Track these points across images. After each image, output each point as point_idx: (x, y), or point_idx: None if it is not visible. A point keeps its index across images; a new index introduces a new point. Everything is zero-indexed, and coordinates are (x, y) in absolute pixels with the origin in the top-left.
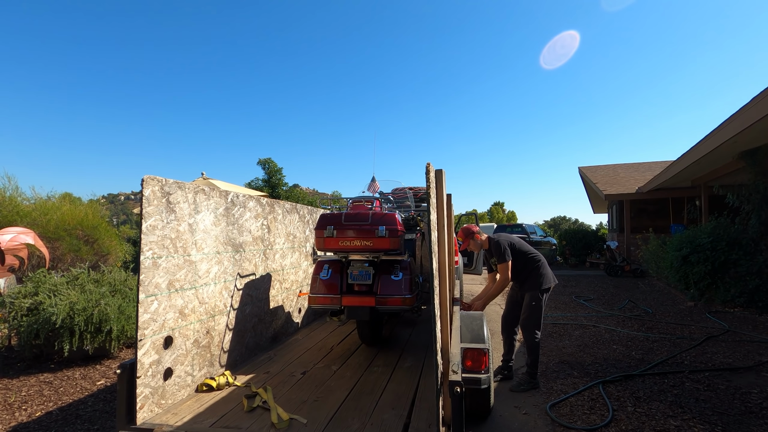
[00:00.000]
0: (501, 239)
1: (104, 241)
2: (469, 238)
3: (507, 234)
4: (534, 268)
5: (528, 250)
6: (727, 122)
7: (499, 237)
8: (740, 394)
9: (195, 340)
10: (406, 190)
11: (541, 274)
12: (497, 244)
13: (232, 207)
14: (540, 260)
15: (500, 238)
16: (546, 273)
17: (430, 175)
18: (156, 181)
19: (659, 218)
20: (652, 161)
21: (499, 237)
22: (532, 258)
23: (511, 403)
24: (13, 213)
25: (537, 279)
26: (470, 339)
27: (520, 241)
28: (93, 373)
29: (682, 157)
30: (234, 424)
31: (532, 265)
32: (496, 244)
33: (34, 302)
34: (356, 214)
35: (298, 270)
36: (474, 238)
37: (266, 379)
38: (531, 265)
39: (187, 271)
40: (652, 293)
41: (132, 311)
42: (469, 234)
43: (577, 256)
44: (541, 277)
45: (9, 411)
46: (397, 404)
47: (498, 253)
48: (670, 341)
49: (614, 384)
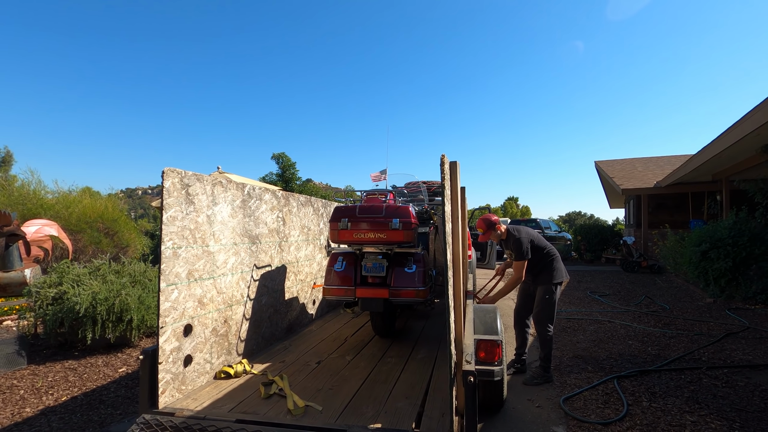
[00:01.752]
0: (522, 237)
1: (124, 234)
2: (490, 229)
3: (527, 229)
4: (548, 263)
5: (544, 245)
6: (750, 114)
7: (520, 233)
8: (760, 392)
9: (213, 329)
10: (419, 183)
11: (554, 268)
12: (518, 242)
13: (248, 199)
14: (554, 255)
15: (521, 234)
16: (559, 267)
17: (445, 167)
18: (176, 173)
19: (678, 213)
20: (670, 155)
21: (520, 233)
22: (548, 252)
23: (525, 396)
24: (37, 206)
25: (550, 273)
26: (483, 331)
27: (538, 237)
28: (115, 361)
29: (702, 151)
30: (252, 410)
31: (546, 259)
32: (516, 242)
33: (59, 292)
34: (370, 207)
35: (312, 262)
36: (495, 229)
37: (282, 367)
38: (546, 260)
39: (206, 262)
40: (669, 289)
41: (151, 302)
42: (491, 225)
43: (593, 251)
44: (555, 270)
45: (37, 395)
46: (411, 394)
47: (517, 251)
48: (688, 337)
49: (629, 379)
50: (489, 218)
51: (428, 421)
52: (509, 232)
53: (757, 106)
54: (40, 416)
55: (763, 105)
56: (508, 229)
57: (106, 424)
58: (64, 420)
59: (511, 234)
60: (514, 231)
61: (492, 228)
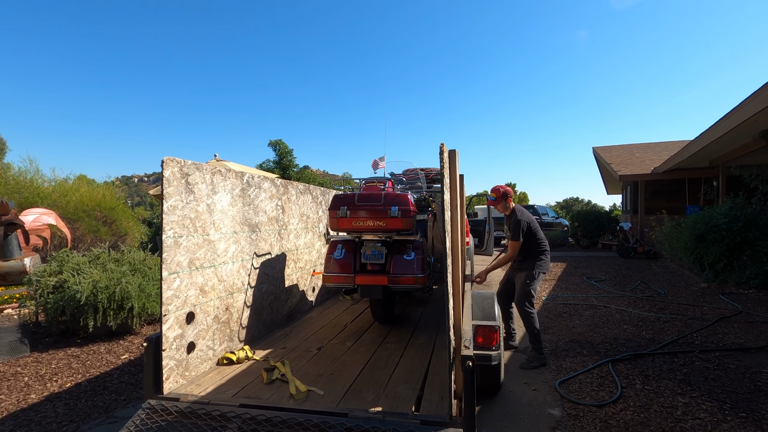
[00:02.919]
0: (522, 220)
1: (122, 222)
2: (502, 199)
3: (531, 216)
4: (538, 253)
5: (540, 236)
6: (748, 101)
7: (522, 216)
8: (750, 374)
9: (215, 316)
10: (417, 171)
11: (541, 259)
12: (517, 223)
13: (247, 188)
14: (546, 248)
15: (522, 217)
16: (545, 261)
17: (444, 156)
18: (175, 163)
19: (675, 199)
20: (668, 141)
21: (522, 216)
22: (540, 243)
23: (521, 379)
24: (34, 195)
25: (535, 262)
26: (482, 317)
27: (537, 226)
28: (117, 348)
29: (700, 137)
30: (254, 395)
31: (537, 249)
32: (515, 223)
33: (59, 280)
34: (369, 195)
35: (311, 250)
36: (506, 201)
37: (284, 353)
38: (537, 249)
39: (207, 250)
40: (665, 275)
41: (152, 289)
42: (504, 196)
43: (590, 237)
44: (540, 261)
45: (41, 382)
46: (410, 378)
47: (514, 231)
48: (682, 322)
49: (624, 363)
50: (506, 189)
51: (427, 404)
52: (514, 211)
53: (754, 93)
54: (46, 402)
55: (760, 92)
56: (515, 209)
57: (111, 410)
58: (70, 406)
59: (515, 213)
60: (518, 212)
61: (504, 199)
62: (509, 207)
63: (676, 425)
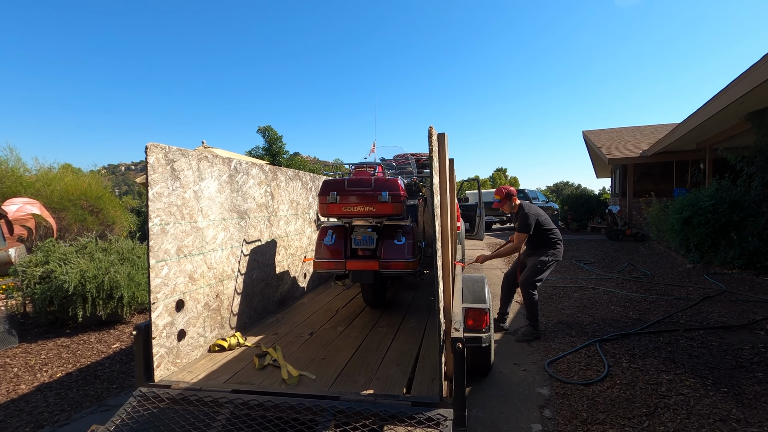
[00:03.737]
0: (531, 213)
1: (109, 211)
2: (507, 199)
3: (538, 209)
4: (552, 243)
5: (551, 227)
6: (735, 83)
7: (530, 210)
8: (732, 351)
9: (205, 304)
10: (408, 156)
11: (555, 248)
12: (525, 216)
13: (235, 174)
14: (558, 239)
15: (530, 211)
16: (559, 250)
17: (433, 139)
18: (159, 149)
19: (663, 182)
20: (657, 124)
21: (530, 210)
22: (553, 234)
23: (511, 360)
24: (16, 184)
25: (548, 249)
26: (472, 300)
27: (546, 218)
28: (108, 337)
29: (688, 119)
30: (247, 380)
31: (551, 239)
32: (524, 216)
33: (46, 270)
34: (359, 180)
35: (302, 236)
36: (511, 200)
37: (275, 339)
38: (550, 240)
39: (195, 237)
40: (652, 256)
41: (141, 278)
42: (509, 196)
43: (579, 221)
44: (555, 250)
45: (31, 372)
46: (402, 361)
47: (523, 223)
48: (668, 302)
49: (611, 342)
50: (509, 189)
51: (418, 386)
52: (521, 207)
53: (741, 75)
54: (36, 392)
55: (746, 74)
56: (522, 204)
57: (103, 398)
58: (61, 395)
59: (522, 208)
60: (525, 207)
61: (509, 199)
62: (515, 205)
63: (661, 401)
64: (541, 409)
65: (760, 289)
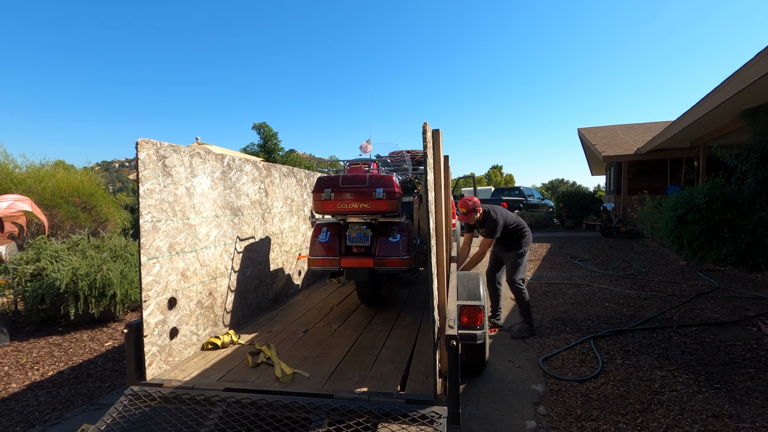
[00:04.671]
0: (499, 219)
1: (102, 208)
2: (472, 212)
3: (503, 211)
4: (519, 236)
5: (517, 223)
6: (729, 80)
7: (497, 215)
8: (725, 347)
9: (198, 301)
10: (403, 153)
11: (524, 240)
12: (495, 222)
13: (228, 171)
14: (525, 230)
15: (498, 216)
16: (528, 238)
17: (427, 135)
18: (151, 145)
19: (657, 180)
20: (652, 122)
21: (497, 215)
22: (520, 228)
23: (506, 357)
24: (6, 180)
25: (520, 243)
26: (467, 297)
27: (511, 217)
28: (100, 335)
29: (682, 117)
30: (240, 378)
31: (518, 233)
32: (493, 222)
33: (37, 268)
34: (354, 177)
35: (296, 233)
36: (476, 212)
37: (269, 337)
38: (517, 234)
39: (187, 235)
40: (646, 253)
41: (134, 276)
42: (473, 209)
43: (574, 218)
44: (524, 240)
45: (22, 371)
46: (396, 358)
47: (491, 230)
48: (661, 298)
49: (605, 339)
50: (474, 201)
51: (413, 383)
52: (486, 213)
53: (735, 73)
54: (27, 391)
55: (740, 72)
56: (488, 211)
57: (95, 397)
58: (52, 394)
59: (489, 215)
60: (491, 212)
61: (474, 212)
62: (481, 214)
63: (654, 397)
64: (536, 405)
65: (753, 285)
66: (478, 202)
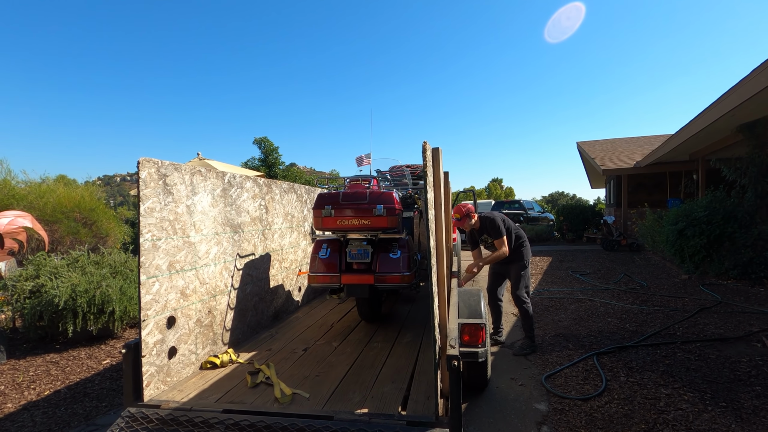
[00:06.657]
0: (496, 216)
1: (102, 223)
2: (466, 218)
3: (499, 213)
4: (518, 246)
5: (515, 231)
6: (726, 95)
7: (495, 217)
8: (730, 363)
9: (197, 320)
10: (403, 168)
11: (524, 252)
12: (492, 221)
13: (229, 188)
14: (524, 240)
15: (494, 216)
16: (528, 250)
17: (427, 154)
18: (152, 163)
19: (656, 193)
20: (651, 135)
21: (495, 217)
22: (518, 237)
23: (508, 375)
24: (8, 197)
25: (521, 255)
26: (468, 314)
27: (509, 222)
28: (98, 353)
29: (681, 131)
30: (238, 399)
31: (517, 242)
32: (491, 222)
33: (36, 285)
34: (354, 193)
35: (297, 249)
36: (470, 217)
37: (269, 356)
38: (517, 243)
39: (187, 252)
40: (647, 267)
41: (134, 292)
42: (468, 214)
43: (575, 231)
44: (524, 253)
45: (18, 390)
46: (397, 377)
47: (494, 229)
48: (664, 313)
49: (608, 355)
50: (467, 207)
51: (414, 404)
52: (484, 218)
53: (732, 87)
54: (23, 411)
55: (738, 86)
56: (481, 217)
57: (91, 417)
58: (48, 414)
59: (485, 219)
60: (486, 215)
61: (468, 217)
62: (476, 220)
63: (659, 416)
64: (539, 425)
65: (756, 300)
66: (472, 208)
